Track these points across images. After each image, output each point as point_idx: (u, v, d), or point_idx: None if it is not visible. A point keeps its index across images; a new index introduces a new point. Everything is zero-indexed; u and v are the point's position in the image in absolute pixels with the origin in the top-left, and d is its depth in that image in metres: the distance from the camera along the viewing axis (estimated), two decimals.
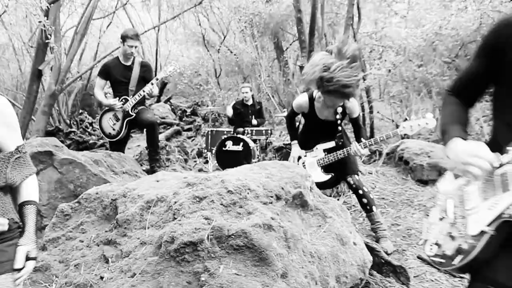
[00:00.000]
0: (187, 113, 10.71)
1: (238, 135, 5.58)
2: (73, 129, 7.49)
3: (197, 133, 9.12)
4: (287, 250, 1.91)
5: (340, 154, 2.91)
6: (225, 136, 5.65)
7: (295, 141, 3.16)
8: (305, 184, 2.27)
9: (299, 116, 3.23)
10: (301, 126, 3.37)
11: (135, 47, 3.75)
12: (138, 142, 8.76)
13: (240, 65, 9.53)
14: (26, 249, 1.25)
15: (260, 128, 6.01)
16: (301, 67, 5.82)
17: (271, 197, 2.11)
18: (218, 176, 2.18)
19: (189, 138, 8.87)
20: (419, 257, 2.72)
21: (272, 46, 10.67)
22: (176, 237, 1.83)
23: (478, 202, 1.21)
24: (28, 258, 1.26)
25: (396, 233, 3.12)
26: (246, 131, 5.85)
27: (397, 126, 7.45)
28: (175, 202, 2.04)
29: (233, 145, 5.54)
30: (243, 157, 5.48)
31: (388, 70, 6.69)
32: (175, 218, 1.98)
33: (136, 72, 3.79)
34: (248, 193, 2.04)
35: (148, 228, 2.07)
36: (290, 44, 10.31)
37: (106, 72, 3.86)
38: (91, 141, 6.70)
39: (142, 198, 2.19)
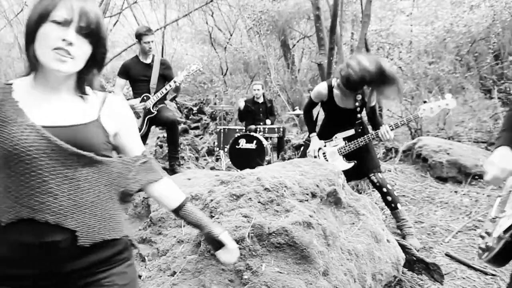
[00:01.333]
0: (194, 111, 10.67)
1: (252, 133, 5.56)
2: None
3: (205, 131, 9.09)
4: (327, 248, 1.90)
5: (361, 141, 2.88)
6: (238, 134, 5.63)
7: (314, 134, 3.14)
8: (338, 182, 2.26)
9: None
10: (319, 117, 3.35)
11: (151, 41, 3.75)
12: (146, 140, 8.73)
13: (248, 63, 9.52)
14: (227, 232, 1.20)
15: (273, 126, 5.99)
16: (320, 65, 5.78)
17: (307, 194, 2.10)
18: (252, 173, 2.16)
19: (196, 136, 8.84)
20: (447, 255, 2.70)
21: (277, 44, 10.64)
22: None
23: (509, 207, 1.26)
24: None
25: (420, 231, 3.10)
26: (258, 129, 5.83)
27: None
28: (211, 200, 2.02)
29: (246, 143, 5.52)
30: (257, 155, 5.47)
31: (398, 67, 6.67)
32: (212, 216, 1.97)
33: (156, 69, 3.77)
34: (284, 191, 2.02)
35: (184, 226, 2.06)
36: (298, 41, 10.29)
37: (125, 72, 3.83)
38: None
39: None
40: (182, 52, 13.24)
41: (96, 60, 1.00)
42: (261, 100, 6.20)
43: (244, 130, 5.90)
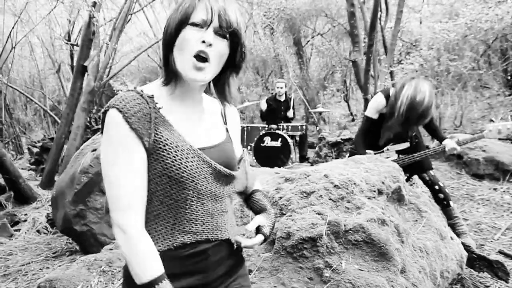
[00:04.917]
0: None
1: (276, 131, 5.54)
2: (99, 126, 7.45)
3: None
4: (401, 245, 1.87)
5: (417, 157, 2.77)
6: (263, 132, 5.60)
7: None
8: (401, 179, 2.24)
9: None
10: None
11: None
12: None
13: (265, 61, 9.50)
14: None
15: (296, 123, 5.96)
16: (354, 62, 5.74)
17: (374, 191, 2.07)
18: (316, 170, 2.14)
19: None
20: (501, 252, 2.68)
21: (290, 41, 10.59)
22: (292, 233, 1.80)
23: None
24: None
25: None
26: (282, 127, 5.80)
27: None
28: (280, 198, 2.00)
29: (271, 141, 5.50)
30: (281, 153, 5.45)
31: (420, 64, 6.63)
32: (283, 214, 1.94)
33: None
34: (354, 188, 2.00)
35: None
36: (312, 37, 10.23)
37: None
38: None
39: None
40: None
41: (235, 63, 0.93)
42: (283, 98, 6.15)
43: (267, 128, 5.86)
